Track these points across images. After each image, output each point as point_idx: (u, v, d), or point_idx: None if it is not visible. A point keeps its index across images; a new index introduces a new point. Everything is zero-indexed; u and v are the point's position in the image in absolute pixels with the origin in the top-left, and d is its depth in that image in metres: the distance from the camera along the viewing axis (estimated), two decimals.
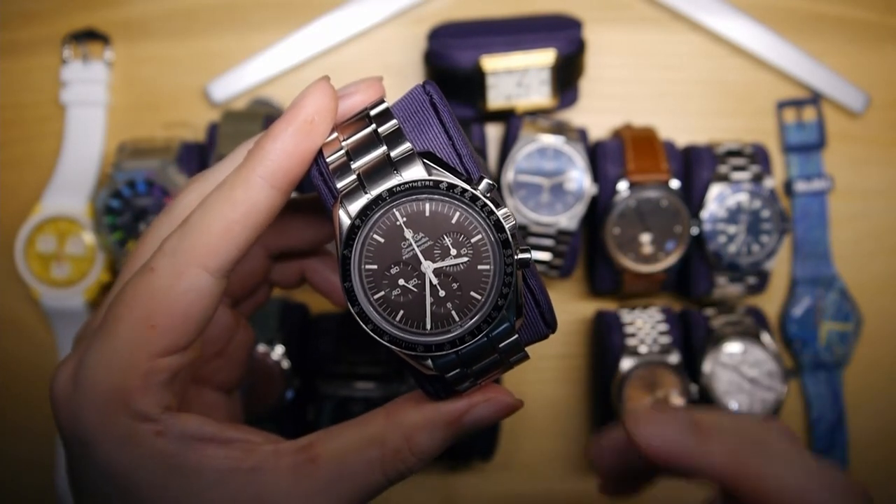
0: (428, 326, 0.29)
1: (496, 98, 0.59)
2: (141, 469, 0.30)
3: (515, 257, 0.29)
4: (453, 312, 0.29)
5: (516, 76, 0.59)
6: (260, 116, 0.58)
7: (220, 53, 0.64)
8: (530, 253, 0.29)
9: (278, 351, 0.56)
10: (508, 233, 0.29)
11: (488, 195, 0.29)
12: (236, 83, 0.63)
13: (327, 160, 0.30)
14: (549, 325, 0.31)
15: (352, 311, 0.29)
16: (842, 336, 0.62)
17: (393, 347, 0.29)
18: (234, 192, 0.29)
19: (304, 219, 0.39)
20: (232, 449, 0.31)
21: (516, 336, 0.30)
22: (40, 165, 0.63)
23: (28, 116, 0.64)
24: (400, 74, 0.64)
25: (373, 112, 0.31)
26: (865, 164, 0.65)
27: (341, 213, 0.29)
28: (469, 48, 0.59)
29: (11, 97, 0.64)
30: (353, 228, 0.29)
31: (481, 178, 0.29)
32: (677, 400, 0.57)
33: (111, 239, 0.58)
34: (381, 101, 0.31)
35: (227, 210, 0.29)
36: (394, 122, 0.30)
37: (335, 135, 0.31)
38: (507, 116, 0.61)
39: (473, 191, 0.29)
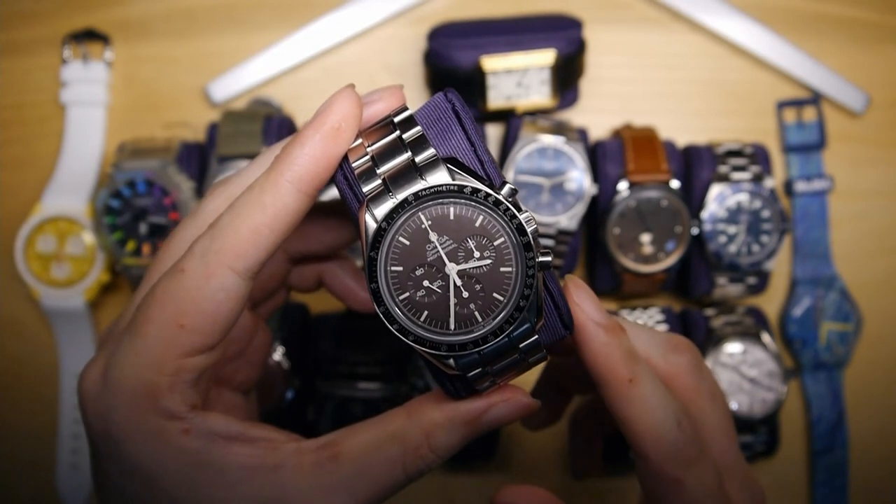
0: (452, 326, 0.30)
1: (496, 98, 0.59)
2: (168, 466, 0.30)
3: (537, 260, 0.30)
4: (476, 313, 0.30)
5: (516, 76, 0.59)
6: (260, 116, 0.58)
7: (220, 53, 0.64)
8: (550, 256, 0.30)
9: (278, 351, 0.56)
10: (530, 236, 0.29)
11: (511, 199, 0.30)
12: (236, 83, 0.63)
13: (353, 165, 0.31)
14: (567, 326, 0.32)
15: (378, 311, 0.30)
16: (842, 336, 0.62)
17: (417, 347, 0.30)
18: (263, 196, 0.30)
19: (323, 223, 0.40)
20: (256, 447, 0.32)
21: (536, 336, 0.31)
22: (40, 165, 0.63)
23: (28, 116, 0.64)
24: (400, 74, 0.64)
25: (397, 119, 0.31)
26: (865, 164, 0.65)
27: (367, 216, 0.30)
28: (469, 48, 0.59)
29: (11, 97, 0.64)
30: (380, 231, 0.29)
31: (504, 183, 0.30)
32: None
33: (111, 239, 0.58)
34: (405, 109, 0.32)
35: (256, 213, 0.30)
36: (418, 128, 0.31)
37: (360, 141, 0.32)
38: (507, 116, 0.61)
39: (497, 195, 0.29)
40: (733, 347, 0.58)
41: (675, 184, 0.58)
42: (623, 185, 0.58)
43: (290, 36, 0.63)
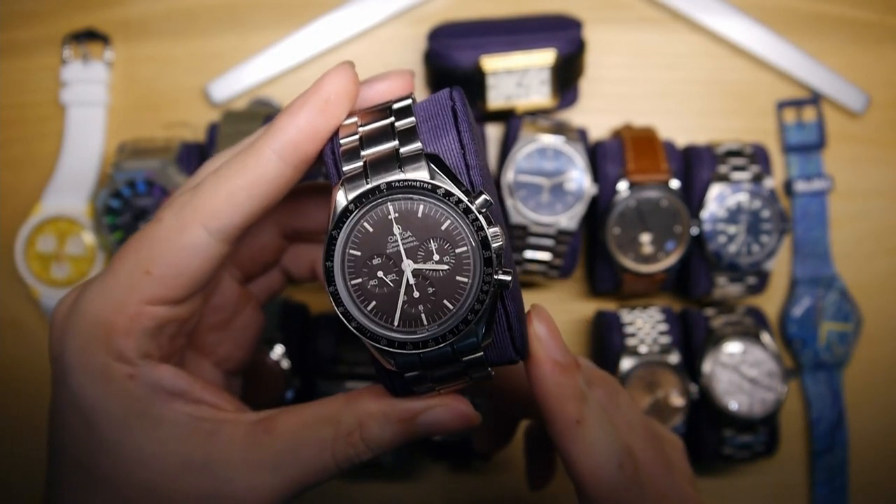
0: (395, 323, 0.30)
1: (496, 98, 0.59)
2: (106, 406, 0.30)
3: (495, 277, 0.29)
4: (423, 315, 0.29)
5: (516, 76, 0.59)
6: (260, 116, 0.58)
7: (220, 53, 0.64)
8: (511, 276, 0.29)
9: (278, 351, 0.56)
10: (493, 252, 0.29)
11: (483, 211, 0.29)
12: (236, 83, 0.63)
13: (341, 142, 0.31)
14: (519, 352, 0.32)
15: (327, 290, 0.30)
16: (842, 336, 0.62)
17: (358, 335, 0.30)
18: (245, 161, 0.31)
19: (315, 201, 0.40)
20: (197, 409, 0.32)
21: (481, 353, 0.30)
22: (40, 165, 0.63)
23: (28, 116, 0.64)
24: None
25: (395, 106, 0.31)
26: (865, 164, 0.65)
27: (340, 194, 0.29)
28: (469, 48, 0.59)
29: (11, 97, 0.64)
30: (346, 212, 0.29)
31: (480, 193, 0.29)
32: (677, 400, 0.57)
33: (111, 239, 0.58)
34: (408, 97, 0.32)
35: (235, 176, 0.31)
36: (411, 119, 0.30)
37: (355, 119, 0.31)
38: (507, 116, 0.61)
39: (469, 203, 0.29)
40: (733, 347, 0.58)
41: (674, 184, 0.58)
42: (623, 185, 0.58)
43: (290, 36, 0.63)
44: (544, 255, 0.58)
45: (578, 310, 0.64)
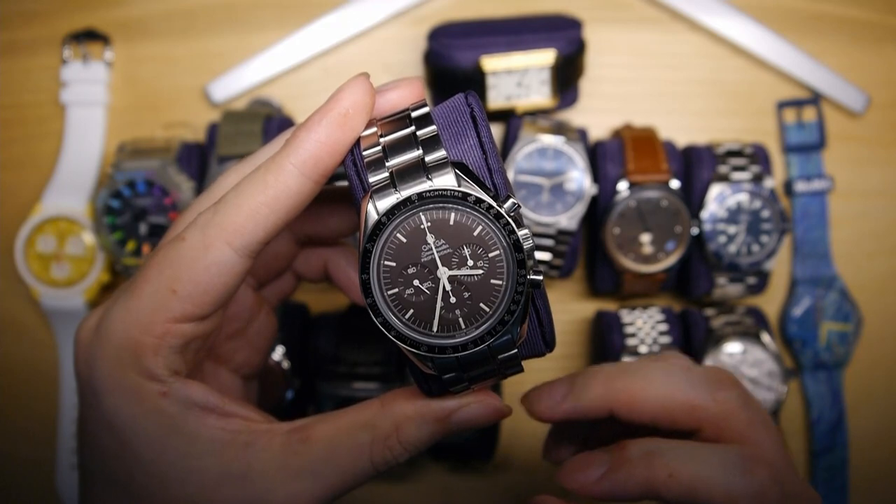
0: (434, 329, 0.30)
1: (496, 98, 0.59)
2: (141, 425, 0.31)
3: (528, 277, 0.30)
4: (460, 320, 0.30)
5: (516, 76, 0.59)
6: (260, 116, 0.58)
7: (220, 53, 0.64)
8: (542, 276, 0.30)
9: (278, 351, 0.56)
10: (526, 253, 0.29)
11: (512, 214, 0.30)
12: (236, 83, 0.63)
13: (363, 153, 0.31)
14: (548, 345, 0.33)
15: (365, 302, 0.30)
16: (842, 336, 0.62)
17: (398, 343, 0.30)
18: (266, 177, 0.31)
19: (330, 207, 0.40)
20: (230, 422, 0.32)
21: (516, 350, 0.31)
22: (40, 165, 0.63)
23: (28, 116, 0.64)
24: (400, 74, 0.64)
25: (414, 114, 0.31)
26: (865, 164, 0.65)
27: (370, 206, 0.30)
28: (469, 48, 0.59)
29: (11, 97, 0.64)
30: (379, 224, 0.30)
31: (508, 197, 0.30)
32: None
33: (111, 239, 0.58)
34: (424, 105, 0.32)
35: (257, 192, 0.31)
36: (433, 127, 0.31)
37: (374, 129, 0.32)
38: (507, 116, 0.61)
39: (499, 208, 0.29)
40: (733, 347, 0.58)
41: (674, 184, 0.58)
42: (623, 185, 0.58)
43: (290, 36, 0.63)
44: (544, 255, 0.58)
45: (578, 310, 0.64)
